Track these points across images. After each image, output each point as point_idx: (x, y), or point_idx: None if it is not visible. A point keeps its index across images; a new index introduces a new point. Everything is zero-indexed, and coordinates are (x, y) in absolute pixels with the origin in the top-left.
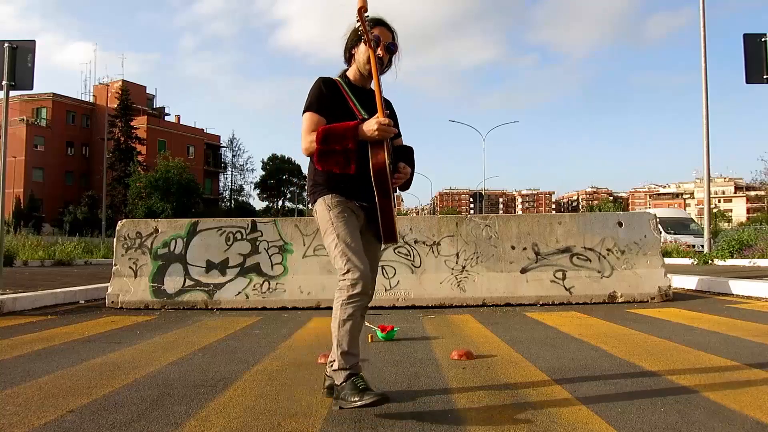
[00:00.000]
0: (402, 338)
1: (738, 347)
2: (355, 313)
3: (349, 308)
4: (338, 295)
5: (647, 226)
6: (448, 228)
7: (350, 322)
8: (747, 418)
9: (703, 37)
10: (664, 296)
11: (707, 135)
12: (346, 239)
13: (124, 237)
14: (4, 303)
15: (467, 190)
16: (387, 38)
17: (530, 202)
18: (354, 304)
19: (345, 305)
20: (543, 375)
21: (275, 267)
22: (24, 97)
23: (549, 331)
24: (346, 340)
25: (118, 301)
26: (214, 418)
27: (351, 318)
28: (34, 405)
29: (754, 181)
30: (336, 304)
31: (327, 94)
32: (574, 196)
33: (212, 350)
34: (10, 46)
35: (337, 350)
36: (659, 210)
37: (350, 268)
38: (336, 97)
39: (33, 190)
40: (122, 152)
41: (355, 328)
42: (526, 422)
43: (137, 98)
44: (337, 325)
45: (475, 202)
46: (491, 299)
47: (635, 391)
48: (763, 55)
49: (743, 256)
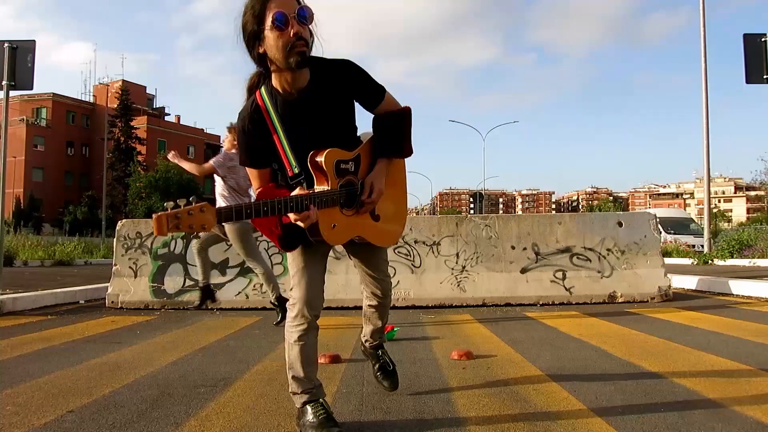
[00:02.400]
0: (402, 338)
1: (738, 347)
2: (301, 337)
3: (294, 332)
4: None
5: (647, 226)
6: (448, 228)
7: (297, 347)
8: (747, 418)
9: (703, 37)
10: (664, 296)
11: (707, 135)
12: (299, 264)
13: (124, 237)
14: (4, 303)
15: (467, 190)
16: (290, 7)
17: (530, 202)
18: (295, 328)
19: (289, 329)
20: (543, 375)
21: (275, 267)
22: (24, 97)
23: (549, 331)
24: (297, 364)
25: (118, 301)
26: (214, 418)
27: (297, 342)
28: (34, 405)
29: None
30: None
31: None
32: (574, 196)
33: (212, 350)
34: (10, 46)
35: (289, 373)
36: (659, 210)
37: (294, 294)
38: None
39: (33, 190)
40: (122, 152)
41: (304, 353)
42: (526, 422)
43: (137, 98)
44: (287, 347)
45: (475, 202)
46: (491, 299)
47: (635, 391)
48: (763, 55)
49: (743, 256)
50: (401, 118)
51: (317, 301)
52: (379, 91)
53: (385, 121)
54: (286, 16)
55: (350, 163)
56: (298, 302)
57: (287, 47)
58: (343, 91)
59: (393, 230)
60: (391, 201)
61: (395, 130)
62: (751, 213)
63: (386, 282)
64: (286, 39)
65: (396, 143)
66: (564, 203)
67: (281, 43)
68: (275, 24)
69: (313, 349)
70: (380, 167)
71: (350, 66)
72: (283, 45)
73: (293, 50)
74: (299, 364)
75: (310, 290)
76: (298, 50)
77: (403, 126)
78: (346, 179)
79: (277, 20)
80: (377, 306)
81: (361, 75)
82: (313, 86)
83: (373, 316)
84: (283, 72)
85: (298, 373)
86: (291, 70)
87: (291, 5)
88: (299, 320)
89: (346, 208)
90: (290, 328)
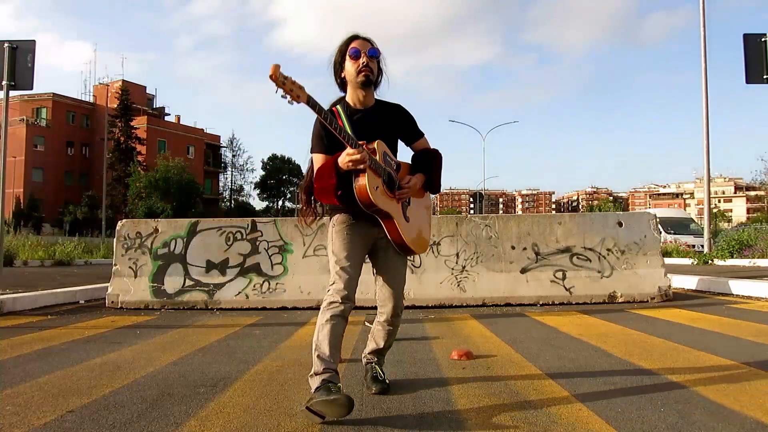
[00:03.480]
0: (402, 338)
1: (737, 347)
2: (332, 318)
3: (327, 313)
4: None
5: (647, 226)
6: (448, 228)
7: (328, 326)
8: (747, 418)
9: (703, 37)
10: (664, 296)
11: (707, 135)
12: (337, 253)
13: (124, 237)
14: (4, 303)
15: (467, 190)
16: (364, 47)
17: (530, 202)
18: (331, 309)
19: (323, 311)
20: (543, 375)
21: (275, 267)
22: (24, 97)
23: (549, 331)
24: (324, 343)
25: (118, 301)
26: (214, 418)
27: (327, 322)
28: (34, 405)
29: (754, 181)
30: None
31: (323, 132)
32: (574, 196)
33: (212, 350)
34: (10, 46)
35: (314, 353)
36: (659, 210)
37: (334, 279)
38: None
39: (33, 190)
40: (122, 152)
41: (333, 334)
42: (526, 422)
43: (137, 98)
44: (316, 330)
45: (475, 202)
46: (491, 299)
47: (635, 390)
48: (763, 55)
49: (743, 256)
50: (436, 158)
51: (351, 289)
52: (419, 131)
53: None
54: (359, 51)
55: (393, 163)
56: (339, 286)
57: (357, 70)
58: (395, 122)
59: (419, 239)
60: (420, 215)
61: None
62: (751, 213)
63: (401, 300)
64: (357, 65)
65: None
66: (564, 203)
67: (354, 68)
68: (350, 54)
69: (340, 334)
70: (419, 175)
71: (403, 108)
72: (355, 69)
73: (361, 73)
74: (326, 343)
75: (347, 278)
76: (364, 73)
77: (437, 165)
78: (388, 171)
79: (352, 52)
80: (384, 323)
81: (410, 116)
82: (376, 110)
83: (378, 335)
84: (356, 90)
85: (324, 352)
86: (360, 87)
87: (365, 45)
88: (337, 303)
89: (387, 190)
90: (325, 310)
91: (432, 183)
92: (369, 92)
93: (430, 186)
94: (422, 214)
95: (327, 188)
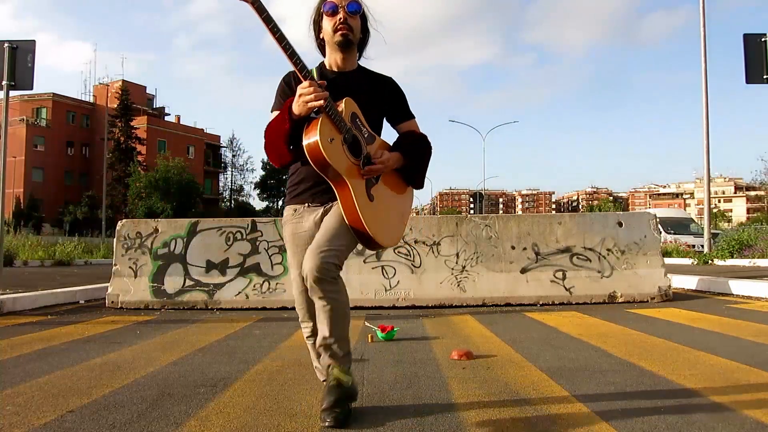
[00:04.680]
0: (402, 338)
1: (737, 347)
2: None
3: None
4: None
5: (647, 226)
6: (448, 228)
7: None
8: (747, 418)
9: (703, 37)
10: (664, 296)
11: (707, 135)
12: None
13: (124, 237)
14: (4, 303)
15: (467, 190)
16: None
17: (530, 202)
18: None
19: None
20: (543, 375)
21: (275, 267)
22: (24, 97)
23: (549, 331)
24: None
25: (118, 301)
26: (214, 418)
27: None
28: (34, 405)
29: (754, 181)
30: None
31: (287, 89)
32: (574, 196)
33: (212, 350)
34: (10, 46)
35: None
36: (659, 210)
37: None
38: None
39: (33, 190)
40: (122, 152)
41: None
42: (526, 422)
43: (137, 98)
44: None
45: (475, 202)
46: (491, 299)
47: (635, 391)
48: (763, 55)
49: (743, 256)
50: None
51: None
52: (408, 111)
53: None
54: (336, 6)
55: (364, 129)
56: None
57: (334, 28)
58: (379, 94)
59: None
60: (392, 203)
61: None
62: (751, 213)
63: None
64: (334, 22)
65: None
66: (564, 203)
67: (330, 26)
68: (326, 10)
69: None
70: (396, 153)
71: (394, 82)
72: (331, 27)
73: (337, 32)
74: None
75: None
76: (341, 32)
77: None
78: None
79: (328, 7)
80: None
81: (400, 92)
82: (356, 75)
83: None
84: (334, 52)
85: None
86: (339, 49)
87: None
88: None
89: (350, 153)
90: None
91: (413, 171)
92: (350, 55)
93: (410, 175)
94: (396, 202)
95: (277, 140)
